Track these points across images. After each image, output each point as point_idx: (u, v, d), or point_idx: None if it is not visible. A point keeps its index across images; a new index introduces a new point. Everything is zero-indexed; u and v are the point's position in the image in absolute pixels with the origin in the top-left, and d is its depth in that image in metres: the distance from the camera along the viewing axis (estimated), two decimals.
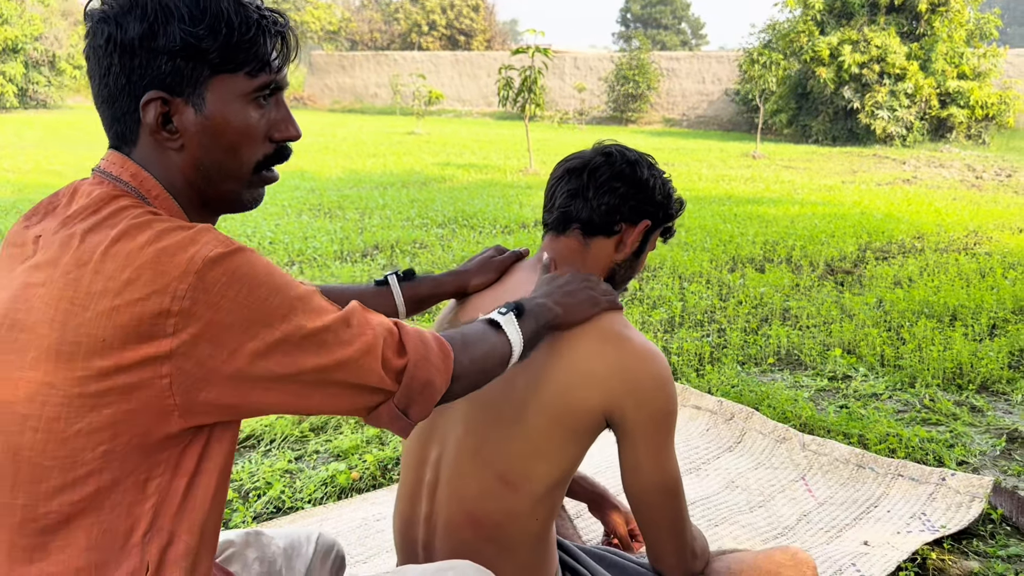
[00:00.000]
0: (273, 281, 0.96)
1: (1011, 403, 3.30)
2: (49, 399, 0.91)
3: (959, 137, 18.60)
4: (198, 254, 0.92)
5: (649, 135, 21.15)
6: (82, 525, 0.93)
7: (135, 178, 1.03)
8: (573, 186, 1.45)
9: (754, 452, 2.82)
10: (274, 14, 1.07)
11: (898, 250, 6.39)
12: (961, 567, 2.13)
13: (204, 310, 0.91)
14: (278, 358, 0.95)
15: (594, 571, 1.52)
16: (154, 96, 1.01)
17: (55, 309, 0.92)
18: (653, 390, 1.35)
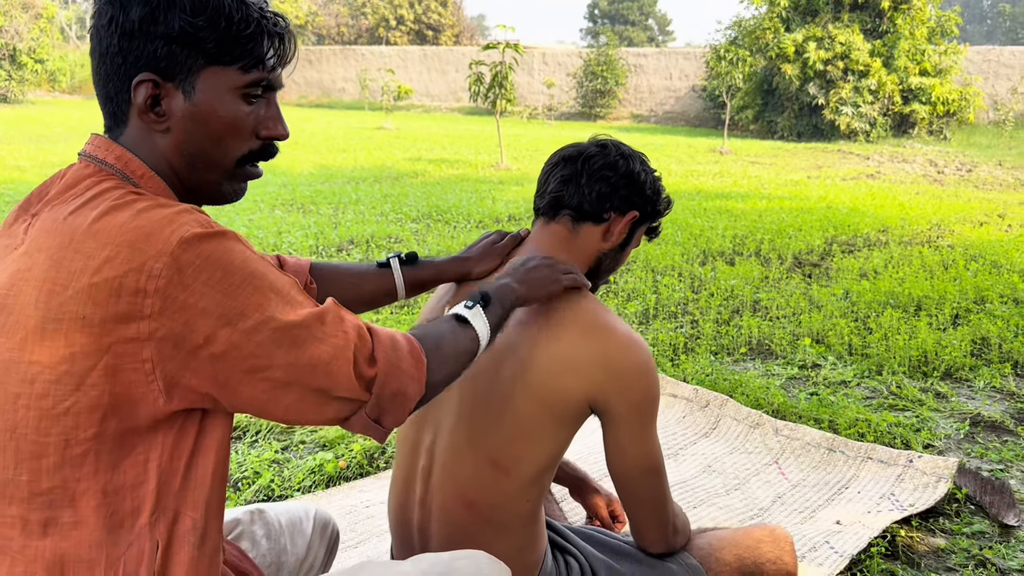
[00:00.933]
0: (248, 268, 0.97)
1: (973, 389, 3.42)
2: (37, 377, 0.94)
3: (921, 133, 18.94)
4: (174, 234, 0.93)
5: (618, 131, 21.27)
6: (89, 504, 0.96)
7: (120, 160, 1.06)
8: (567, 172, 1.51)
9: (729, 437, 2.91)
10: (276, 16, 1.10)
11: (863, 243, 6.53)
12: (929, 543, 2.23)
13: (178, 291, 0.93)
14: (251, 347, 0.96)
15: (582, 549, 1.58)
16: (146, 78, 1.04)
17: (39, 290, 0.94)
18: (636, 378, 1.39)
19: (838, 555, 2.07)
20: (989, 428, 3.01)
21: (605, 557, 1.56)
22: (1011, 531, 2.29)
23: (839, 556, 2.06)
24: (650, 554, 1.59)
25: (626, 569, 1.54)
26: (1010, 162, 14.16)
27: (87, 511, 0.96)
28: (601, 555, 1.56)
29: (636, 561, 1.56)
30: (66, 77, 28.36)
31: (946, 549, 2.19)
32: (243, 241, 1.01)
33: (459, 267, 1.54)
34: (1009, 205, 8.88)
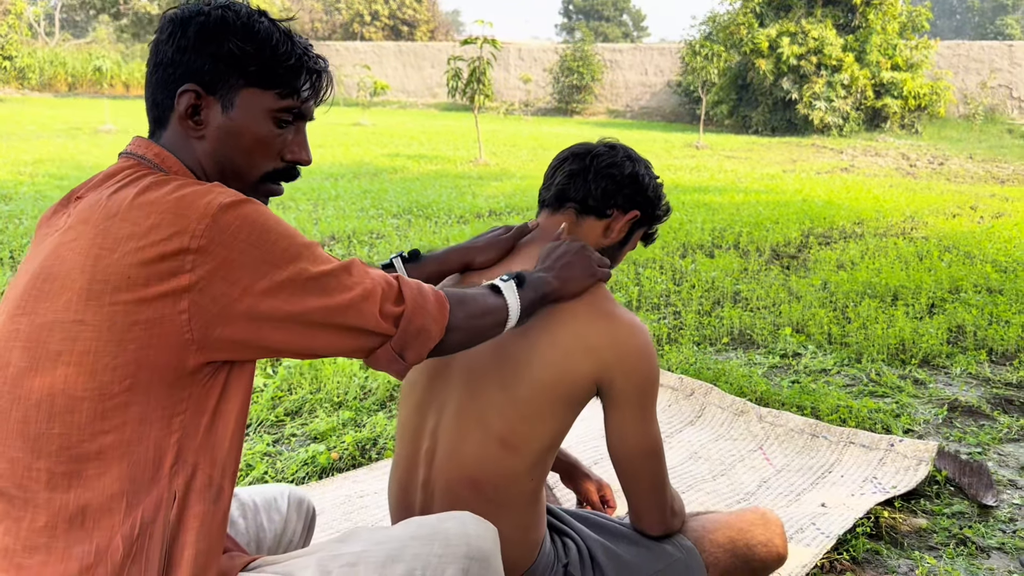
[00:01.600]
0: (281, 228, 1.07)
1: (950, 376, 3.50)
2: (80, 335, 1.01)
3: (893, 127, 19.18)
4: (214, 200, 1.03)
5: (595, 126, 21.36)
6: (114, 456, 1.02)
7: (158, 156, 1.15)
8: (575, 167, 1.56)
9: (714, 425, 2.96)
10: (318, 56, 1.23)
11: (840, 235, 6.63)
12: (911, 524, 2.29)
13: (219, 248, 1.01)
14: (285, 297, 1.05)
15: (579, 531, 1.62)
16: (190, 88, 1.14)
17: (85, 256, 1.02)
18: (640, 361, 1.45)
19: (824, 536, 2.12)
20: (966, 413, 3.09)
21: (602, 539, 1.59)
22: (989, 511, 2.35)
23: (825, 537, 2.11)
24: (646, 536, 1.63)
25: (622, 550, 1.58)
26: (980, 155, 14.38)
27: (112, 462, 1.02)
28: (598, 537, 1.60)
29: (632, 542, 1.60)
30: (35, 74, 27.98)
31: (928, 529, 2.26)
32: (268, 211, 1.09)
33: (461, 256, 1.58)
34: (980, 197, 9.04)
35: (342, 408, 2.99)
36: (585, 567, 1.56)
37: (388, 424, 2.85)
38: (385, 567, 1.14)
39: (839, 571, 2.03)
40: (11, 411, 1.03)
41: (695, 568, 1.61)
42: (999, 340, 3.86)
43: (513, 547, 1.46)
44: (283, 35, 1.18)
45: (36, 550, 1.01)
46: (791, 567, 1.94)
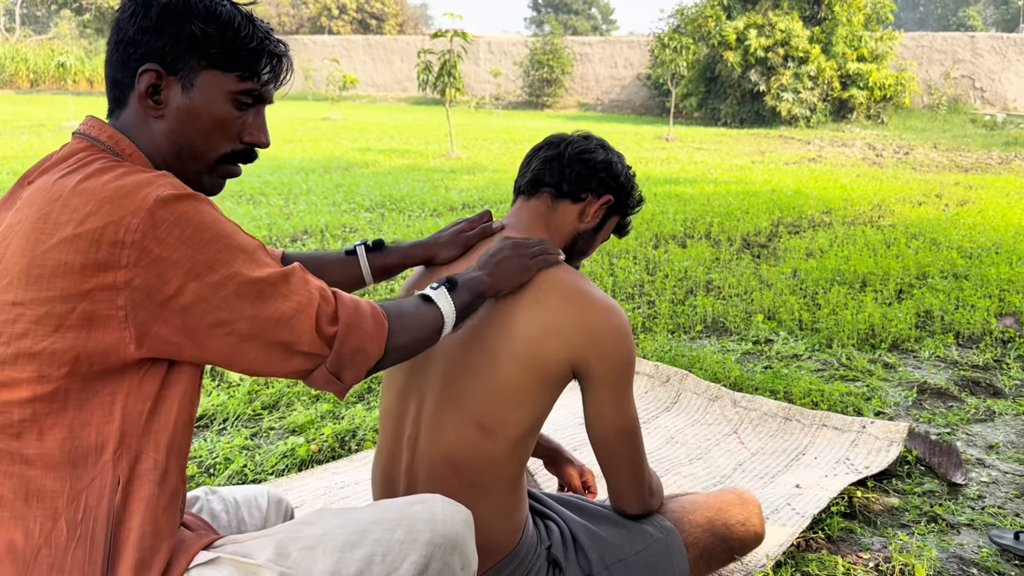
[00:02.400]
0: (218, 227, 1.07)
1: (919, 359, 3.57)
2: (19, 318, 1.02)
3: (859, 117, 19.41)
4: (152, 193, 1.03)
5: (565, 119, 21.40)
6: (56, 438, 1.04)
7: (111, 138, 1.16)
8: (550, 153, 1.60)
9: (690, 410, 3.00)
10: (279, 41, 1.23)
11: (808, 224, 6.71)
12: (883, 503, 2.34)
13: (153, 244, 1.02)
14: (217, 300, 1.05)
15: (560, 514, 1.64)
16: (151, 68, 1.15)
17: (26, 239, 1.04)
18: (615, 342, 1.47)
19: (800, 516, 2.16)
20: (935, 395, 3.15)
21: (583, 521, 1.62)
22: (959, 489, 2.41)
23: (801, 516, 2.15)
24: (626, 516, 1.65)
25: (604, 531, 1.60)
26: (944, 144, 14.61)
27: (52, 444, 1.04)
28: (580, 519, 1.62)
29: (613, 524, 1.62)
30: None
31: (900, 507, 2.31)
32: (214, 205, 1.10)
33: (424, 251, 1.59)
34: (945, 186, 9.19)
35: (320, 401, 2.99)
36: (568, 548, 1.58)
37: (367, 415, 2.85)
38: (344, 551, 1.13)
39: (814, 549, 2.07)
40: None
41: (675, 548, 1.64)
42: (966, 324, 3.94)
43: (495, 531, 1.48)
44: (245, 19, 1.19)
45: None
46: (768, 546, 1.97)
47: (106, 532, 1.05)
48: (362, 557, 1.13)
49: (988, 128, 17.78)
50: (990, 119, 18.76)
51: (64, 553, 1.03)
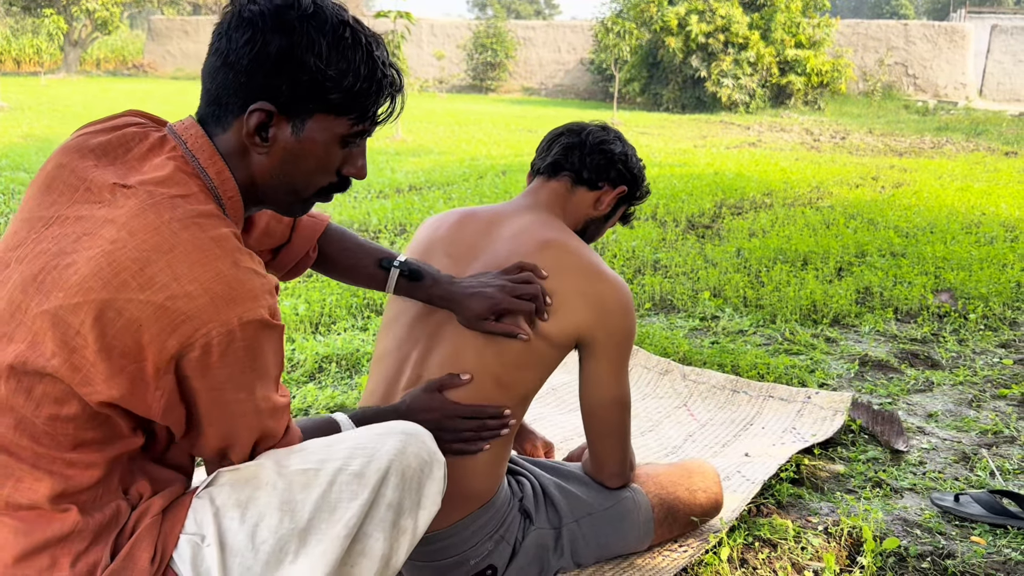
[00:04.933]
0: (268, 361, 1.10)
1: (860, 334, 3.66)
2: (77, 350, 1.01)
3: (797, 103, 19.76)
4: (246, 313, 1.03)
5: (510, 103, 21.37)
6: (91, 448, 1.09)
7: (219, 176, 1.12)
8: (572, 141, 1.68)
9: (641, 385, 3.04)
10: (394, 73, 1.17)
11: (750, 206, 6.82)
12: (830, 470, 2.40)
13: (215, 356, 1.03)
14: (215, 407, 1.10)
15: (531, 471, 1.68)
16: (264, 107, 1.10)
17: (115, 274, 1.00)
18: (621, 316, 1.56)
19: (750, 482, 2.20)
20: (876, 367, 3.24)
21: (554, 478, 1.66)
22: (901, 455, 2.49)
23: (751, 483, 2.20)
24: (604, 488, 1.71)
25: (573, 488, 1.64)
26: (879, 129, 14.98)
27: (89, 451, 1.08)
28: (550, 476, 1.66)
29: (583, 483, 1.67)
30: None
31: (845, 474, 2.37)
32: (282, 334, 1.12)
33: (449, 306, 1.54)
34: (881, 169, 9.42)
35: None
36: (539, 501, 1.62)
37: (319, 394, 2.82)
38: (330, 446, 1.20)
39: (765, 514, 2.12)
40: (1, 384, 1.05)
41: (641, 506, 1.69)
42: (903, 300, 4.06)
43: (479, 478, 1.53)
44: (366, 55, 1.12)
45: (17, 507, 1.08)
46: (721, 511, 2.01)
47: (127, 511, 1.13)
48: (347, 446, 1.20)
49: (920, 114, 18.28)
50: (922, 105, 19.29)
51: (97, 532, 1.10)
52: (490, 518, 1.56)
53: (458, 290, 1.52)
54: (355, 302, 3.81)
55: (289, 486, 1.14)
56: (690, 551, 1.87)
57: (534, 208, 1.65)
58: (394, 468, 1.18)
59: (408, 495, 1.20)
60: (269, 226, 1.43)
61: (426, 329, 1.56)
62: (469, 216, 1.65)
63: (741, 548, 1.91)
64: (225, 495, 1.14)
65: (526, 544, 1.61)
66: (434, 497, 1.24)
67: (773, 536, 1.97)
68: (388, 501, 1.17)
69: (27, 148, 8.78)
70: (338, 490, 1.15)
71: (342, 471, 1.16)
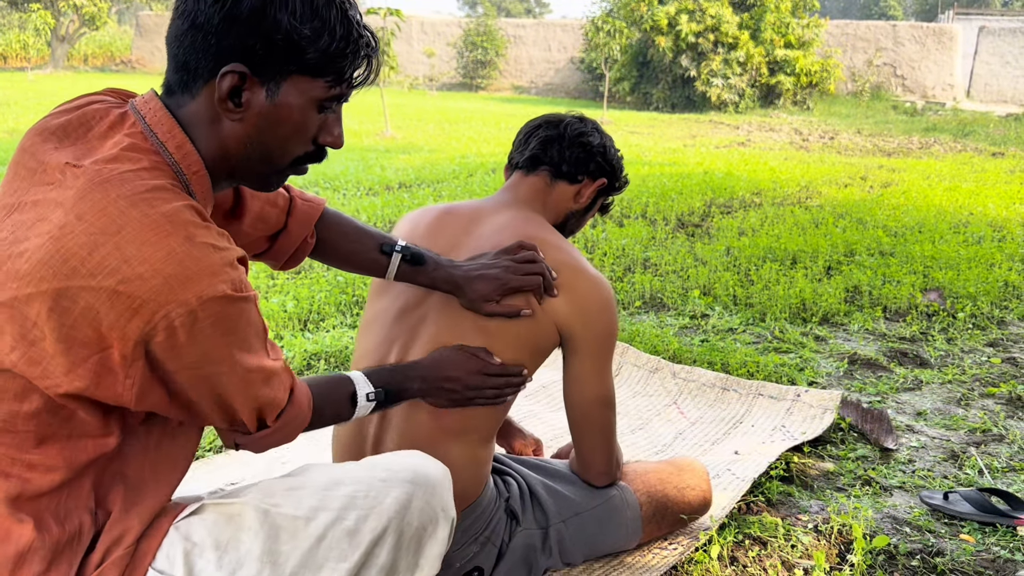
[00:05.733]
0: (245, 332, 1.04)
1: (849, 332, 3.67)
2: (36, 342, 0.97)
3: (786, 103, 19.83)
4: (205, 290, 0.97)
5: (500, 102, 21.34)
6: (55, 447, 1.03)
7: (179, 150, 1.06)
8: (550, 134, 1.65)
9: (631, 382, 3.03)
10: (370, 34, 1.12)
11: (740, 205, 6.83)
12: (819, 468, 2.40)
13: (182, 334, 0.98)
14: (206, 380, 1.04)
15: (517, 470, 1.66)
16: (237, 69, 1.04)
17: (63, 261, 0.95)
18: (600, 313, 1.54)
19: (740, 480, 2.20)
20: (865, 365, 3.24)
21: (541, 477, 1.64)
22: (890, 454, 2.49)
23: (741, 481, 2.19)
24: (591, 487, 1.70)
25: (561, 487, 1.62)
26: (868, 130, 15.04)
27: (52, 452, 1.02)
28: (537, 475, 1.64)
29: (570, 481, 1.65)
30: None
31: (835, 472, 2.37)
32: (257, 302, 1.05)
33: (452, 289, 1.52)
34: (870, 168, 9.45)
35: None
36: (525, 501, 1.60)
37: None
38: (328, 490, 1.14)
39: (755, 512, 2.11)
40: None
41: (630, 505, 1.67)
42: (892, 298, 4.07)
43: (463, 479, 1.51)
44: (340, 13, 1.07)
45: None
46: (711, 508, 2.01)
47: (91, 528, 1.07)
48: (345, 494, 1.13)
49: (909, 114, 18.36)
50: (910, 106, 19.37)
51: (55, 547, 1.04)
52: (475, 519, 1.54)
53: (462, 272, 1.50)
54: (344, 299, 3.79)
55: (275, 533, 1.09)
56: (680, 549, 1.86)
57: (514, 204, 1.63)
58: (392, 527, 1.12)
59: (404, 556, 1.14)
60: (263, 212, 1.38)
61: (405, 328, 1.54)
62: (449, 213, 1.63)
63: (731, 546, 1.91)
64: (204, 532, 1.09)
65: (513, 545, 1.59)
66: (434, 560, 1.18)
67: (763, 534, 1.97)
68: (381, 563, 1.12)
69: (11, 144, 8.72)
70: (327, 547, 1.10)
71: (335, 525, 1.10)
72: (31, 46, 23.84)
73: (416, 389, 1.42)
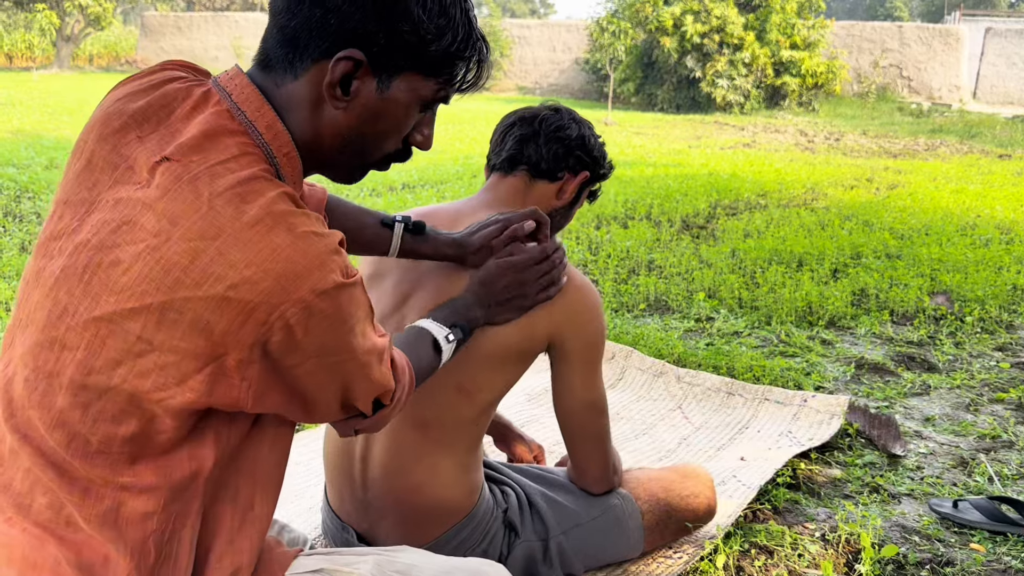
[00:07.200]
0: (358, 316, 0.99)
1: (855, 336, 3.63)
2: (143, 355, 0.92)
3: (792, 104, 19.75)
4: (319, 283, 0.92)
5: (505, 102, 21.31)
6: (149, 467, 0.97)
7: (270, 130, 0.99)
8: (525, 132, 1.58)
9: (635, 387, 3.00)
10: (484, 41, 1.08)
11: (745, 206, 6.79)
12: (826, 474, 2.36)
13: (299, 332, 0.93)
14: (324, 374, 1.00)
15: (516, 480, 1.63)
16: (355, 56, 0.97)
17: (165, 272, 0.90)
18: (589, 319, 1.51)
19: (746, 487, 2.17)
20: (872, 370, 3.21)
21: (540, 487, 1.61)
22: (898, 460, 2.45)
23: (747, 488, 2.16)
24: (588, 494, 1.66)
25: (561, 497, 1.59)
26: (874, 131, 14.98)
27: (146, 473, 0.96)
28: (536, 485, 1.62)
29: (570, 491, 1.61)
30: None
31: (842, 478, 2.33)
32: (362, 283, 1.00)
33: (456, 253, 1.51)
34: (876, 170, 9.41)
35: None
36: (524, 512, 1.57)
37: None
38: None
39: (762, 520, 2.08)
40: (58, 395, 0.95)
41: (631, 515, 1.64)
42: (899, 302, 4.03)
43: (455, 488, 1.48)
44: (464, 15, 1.02)
45: (77, 529, 0.97)
46: (716, 517, 1.97)
47: (190, 552, 1.01)
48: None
49: (915, 116, 18.28)
50: (916, 107, 19.29)
51: (152, 572, 0.99)
52: (472, 531, 1.51)
53: (460, 235, 1.50)
54: None
55: None
56: (685, 558, 1.83)
57: (494, 204, 1.58)
58: None
59: None
60: None
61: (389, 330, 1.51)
62: (429, 216, 1.58)
63: (737, 555, 1.88)
64: None
65: (512, 557, 1.56)
66: None
67: (770, 543, 1.93)
68: None
69: (16, 144, 8.70)
70: None
71: None
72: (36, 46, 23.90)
73: (482, 315, 1.40)
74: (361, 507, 1.54)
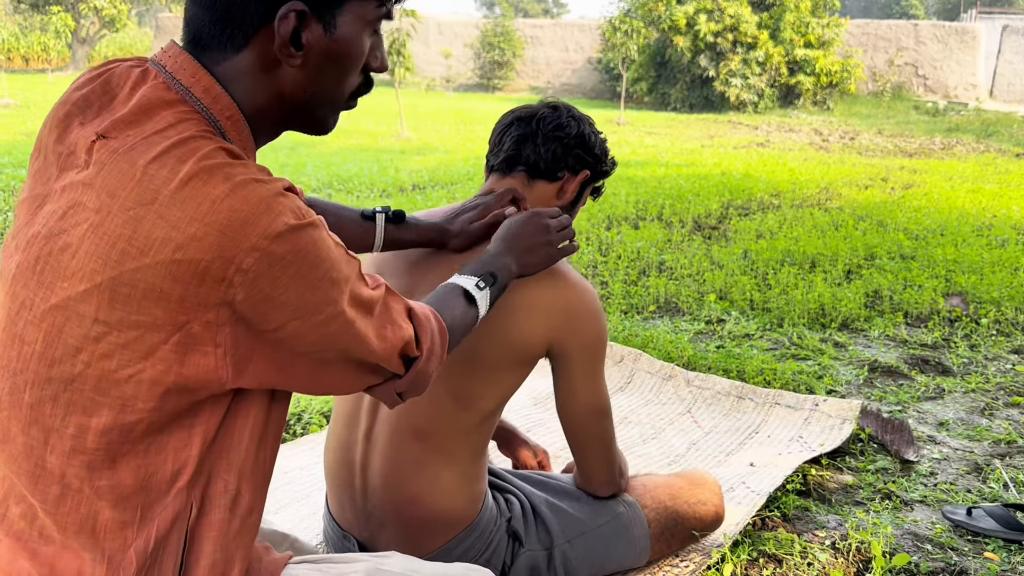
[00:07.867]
0: (330, 260, 0.94)
1: (869, 338, 3.58)
2: (103, 337, 0.89)
3: (806, 103, 19.65)
4: (270, 226, 0.88)
5: (517, 102, 21.27)
6: (129, 466, 0.93)
7: (208, 94, 0.96)
8: (522, 132, 1.55)
9: (643, 390, 2.97)
10: None
11: (758, 206, 6.75)
12: (838, 480, 2.32)
13: (265, 284, 0.89)
14: (315, 336, 0.94)
15: (520, 488, 1.61)
16: (295, 7, 0.95)
17: (110, 247, 0.87)
18: (589, 321, 1.48)
19: (755, 494, 2.13)
20: (886, 373, 3.16)
21: (544, 495, 1.59)
22: (911, 466, 2.41)
23: (756, 495, 2.13)
24: (594, 498, 1.64)
25: (565, 505, 1.57)
26: (889, 130, 14.87)
27: (125, 473, 0.93)
28: (540, 493, 1.60)
29: (575, 498, 1.59)
30: None
31: (854, 485, 2.29)
32: (325, 227, 0.96)
33: (438, 236, 1.51)
34: (891, 170, 9.33)
35: None
36: (528, 521, 1.56)
37: (312, 399, 2.76)
38: None
39: (771, 527, 2.04)
40: (25, 392, 0.92)
41: (637, 522, 1.62)
42: (914, 304, 3.98)
43: (457, 499, 1.47)
44: None
45: (50, 541, 0.94)
46: (724, 525, 1.94)
47: (176, 561, 0.97)
48: None
49: (930, 115, 18.14)
50: (932, 106, 19.14)
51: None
52: (474, 541, 1.49)
53: (440, 220, 1.51)
54: None
55: None
56: (691, 567, 1.80)
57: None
58: None
59: None
60: None
61: None
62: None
63: (745, 564, 1.84)
64: None
65: (516, 567, 1.54)
66: None
67: (778, 551, 1.90)
68: None
69: (30, 145, 8.75)
70: None
71: None
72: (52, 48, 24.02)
73: (513, 263, 1.36)
74: (362, 516, 1.52)
